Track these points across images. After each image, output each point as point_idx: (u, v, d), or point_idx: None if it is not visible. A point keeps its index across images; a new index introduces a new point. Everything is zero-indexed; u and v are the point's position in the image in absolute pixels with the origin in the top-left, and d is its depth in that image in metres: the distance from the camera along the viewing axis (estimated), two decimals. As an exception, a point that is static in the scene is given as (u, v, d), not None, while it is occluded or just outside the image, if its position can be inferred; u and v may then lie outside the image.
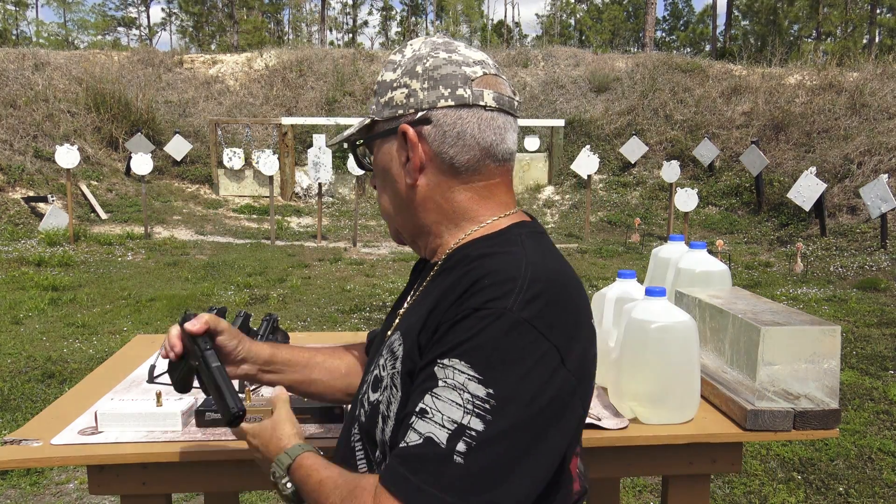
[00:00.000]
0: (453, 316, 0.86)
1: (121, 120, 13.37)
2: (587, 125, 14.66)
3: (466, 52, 0.98)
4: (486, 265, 0.90)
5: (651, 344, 1.42)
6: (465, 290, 0.87)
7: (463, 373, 0.81)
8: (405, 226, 1.04)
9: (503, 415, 0.80)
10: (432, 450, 0.79)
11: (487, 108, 0.95)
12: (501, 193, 1.00)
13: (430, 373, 0.84)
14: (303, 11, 54.14)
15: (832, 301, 6.71)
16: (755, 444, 3.44)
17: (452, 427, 0.80)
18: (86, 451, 1.32)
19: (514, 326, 0.82)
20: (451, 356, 0.83)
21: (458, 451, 0.79)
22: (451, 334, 0.84)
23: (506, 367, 0.81)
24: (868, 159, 10.74)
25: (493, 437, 0.79)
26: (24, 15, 48.76)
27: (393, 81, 0.98)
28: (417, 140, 0.95)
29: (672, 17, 51.86)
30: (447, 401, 0.81)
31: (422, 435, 0.81)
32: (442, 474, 0.78)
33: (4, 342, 5.13)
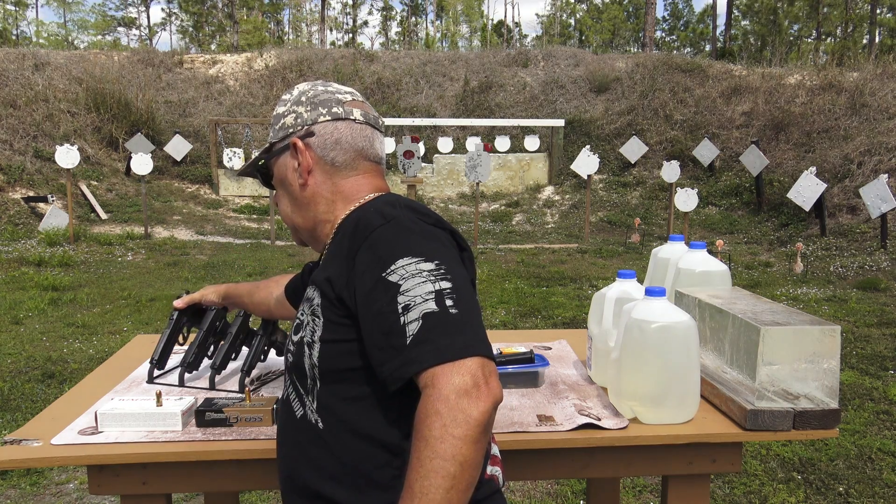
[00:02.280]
0: (363, 238, 1.05)
1: (121, 120, 13.37)
2: (587, 125, 14.66)
3: (339, 87, 1.27)
4: (361, 211, 1.14)
5: (651, 344, 1.42)
6: (353, 227, 1.09)
7: (410, 262, 1.00)
8: (304, 223, 1.24)
9: (455, 273, 1.02)
10: (432, 318, 0.96)
11: (357, 121, 1.23)
12: (374, 181, 1.24)
13: (384, 286, 0.99)
14: (303, 11, 54.13)
15: (832, 301, 6.71)
16: (755, 444, 3.44)
17: (432, 296, 0.97)
18: (86, 451, 1.32)
19: (410, 219, 1.07)
20: (390, 263, 1.00)
21: (448, 306, 0.97)
22: (372, 255, 1.03)
23: (431, 244, 1.04)
24: (868, 159, 10.74)
25: (461, 285, 1.01)
26: (24, 15, 48.76)
27: (284, 112, 1.25)
28: (305, 148, 1.21)
29: (672, 17, 51.85)
30: (415, 285, 0.98)
31: (418, 319, 0.96)
32: (450, 326, 0.96)
33: (4, 342, 5.13)
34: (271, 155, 1.26)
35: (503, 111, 15.36)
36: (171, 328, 1.70)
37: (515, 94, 15.93)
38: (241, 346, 1.73)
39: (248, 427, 1.40)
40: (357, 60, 16.86)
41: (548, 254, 9.33)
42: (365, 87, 15.75)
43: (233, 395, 1.58)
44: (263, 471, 1.39)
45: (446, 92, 15.82)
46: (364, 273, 1.02)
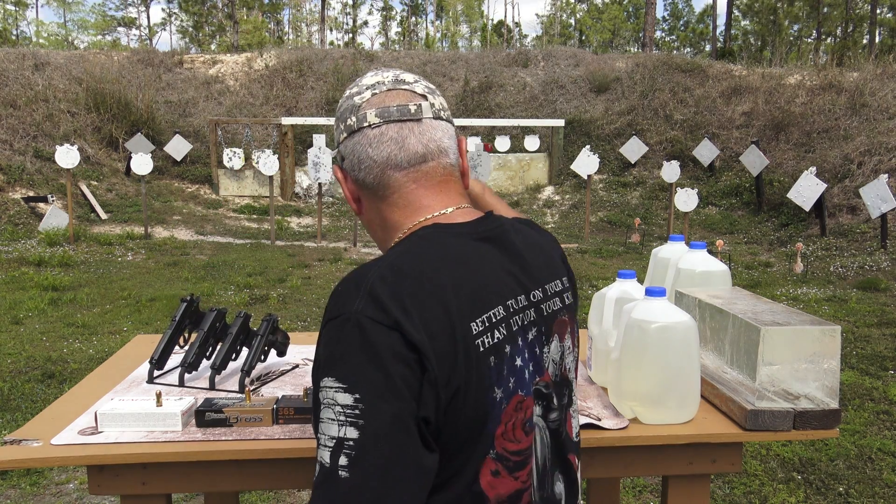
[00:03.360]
0: (322, 324, 0.88)
1: (121, 120, 13.37)
2: (587, 125, 14.66)
3: (366, 79, 1.04)
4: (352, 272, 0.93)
5: (651, 344, 1.42)
6: (331, 296, 0.91)
7: (331, 387, 0.82)
8: (379, 246, 1.09)
9: (375, 416, 0.80)
10: (322, 473, 0.80)
11: (372, 126, 0.99)
12: (417, 199, 1.00)
13: (315, 399, 0.86)
14: (303, 11, 54.14)
15: (832, 301, 6.71)
16: (755, 444, 3.44)
17: (332, 444, 0.81)
18: (86, 451, 1.32)
19: (362, 325, 0.83)
20: (323, 375, 0.84)
21: (341, 465, 0.79)
22: (318, 352, 0.87)
23: (364, 368, 0.82)
24: (868, 159, 10.74)
25: (369, 440, 0.79)
26: (24, 15, 48.76)
27: (343, 113, 1.06)
28: (344, 177, 1.05)
29: (672, 17, 51.86)
30: (326, 420, 0.82)
31: (318, 463, 0.82)
32: (333, 493, 0.79)
33: (4, 342, 5.13)
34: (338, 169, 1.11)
35: (503, 111, 15.36)
36: (172, 328, 1.70)
37: (515, 94, 15.93)
38: (242, 346, 1.74)
39: (248, 427, 1.40)
40: (357, 60, 16.87)
41: (548, 254, 9.32)
42: (365, 87, 15.76)
43: (233, 395, 1.58)
44: (263, 471, 1.39)
45: (446, 92, 15.82)
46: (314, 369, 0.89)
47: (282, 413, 1.41)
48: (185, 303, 1.74)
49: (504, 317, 0.93)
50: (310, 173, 10.26)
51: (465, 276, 0.91)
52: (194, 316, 1.75)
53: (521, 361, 0.95)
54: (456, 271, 0.91)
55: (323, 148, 10.10)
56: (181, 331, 1.73)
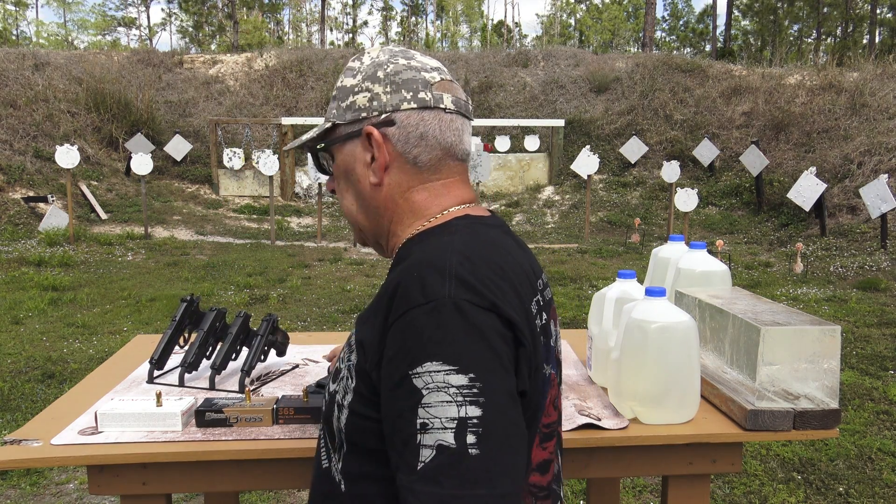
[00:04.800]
0: (397, 317, 0.87)
1: (121, 120, 13.38)
2: (587, 125, 14.66)
3: (423, 59, 1.04)
4: (416, 259, 0.92)
5: (651, 344, 1.42)
6: (397, 286, 0.89)
7: (439, 371, 0.83)
8: (369, 225, 1.07)
9: (493, 392, 0.82)
10: (447, 455, 0.80)
11: (447, 110, 1.01)
12: (457, 189, 1.04)
13: (409, 388, 0.84)
14: (303, 11, 54.15)
15: (832, 301, 6.71)
16: (755, 444, 3.44)
17: (454, 424, 0.81)
18: (86, 451, 1.32)
19: (460, 309, 0.85)
20: (421, 362, 0.83)
21: (469, 443, 0.80)
22: (407, 341, 0.85)
23: (473, 348, 0.83)
24: (868, 159, 10.74)
25: (493, 414, 0.82)
26: (24, 15, 48.76)
27: (354, 86, 1.02)
28: (383, 140, 1.00)
29: (672, 17, 51.85)
30: (438, 404, 0.82)
31: (432, 447, 0.81)
32: (465, 472, 0.79)
33: (4, 342, 5.13)
34: (335, 139, 1.05)
35: (503, 111, 15.37)
36: (172, 329, 1.70)
37: (515, 94, 15.93)
38: (241, 346, 1.74)
39: (248, 427, 1.40)
40: (357, 60, 16.86)
41: (548, 254, 9.33)
42: (365, 87, 15.77)
43: (233, 395, 1.58)
44: (263, 471, 1.39)
45: (446, 92, 15.82)
46: (391, 361, 0.87)
47: (282, 413, 1.41)
48: (185, 303, 1.74)
49: (539, 299, 1.00)
50: (310, 173, 10.26)
51: (514, 262, 0.97)
52: (194, 316, 1.76)
53: (553, 341, 1.04)
54: (508, 258, 0.96)
55: (323, 148, 10.09)
56: (181, 331, 1.73)
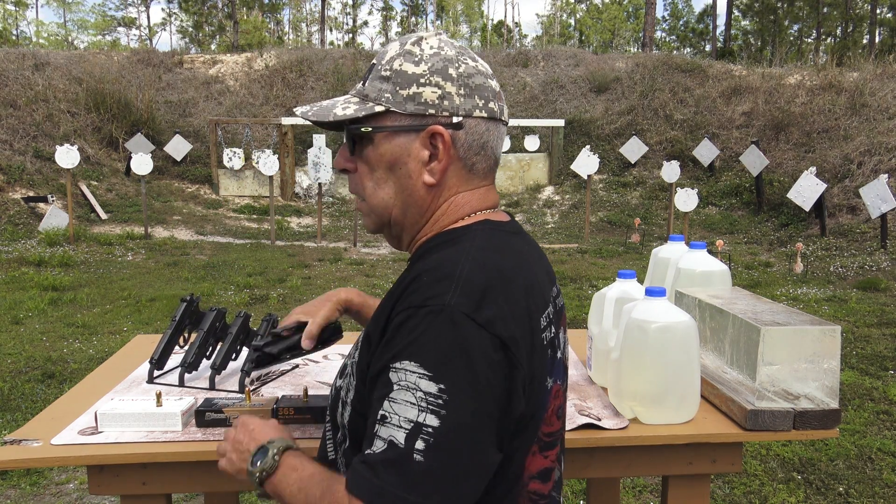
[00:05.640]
0: (397, 314, 0.89)
1: (121, 120, 13.38)
2: (587, 125, 14.66)
3: (482, 62, 1.04)
4: (429, 261, 0.94)
5: (651, 344, 1.42)
6: (407, 286, 0.91)
7: (413, 372, 0.84)
8: (401, 220, 1.04)
9: (458, 408, 0.82)
10: (393, 452, 0.82)
11: (503, 122, 1.03)
12: (490, 195, 1.06)
13: (385, 379, 0.86)
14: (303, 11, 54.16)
15: (832, 301, 6.71)
16: (755, 444, 3.44)
17: (409, 426, 0.82)
18: (86, 451, 1.32)
19: (455, 320, 0.85)
20: (402, 358, 0.85)
21: (416, 449, 0.81)
22: (398, 336, 0.87)
23: (453, 362, 0.84)
24: (868, 159, 10.74)
25: (450, 430, 0.82)
26: (24, 15, 48.77)
27: (419, 77, 0.98)
28: (450, 141, 0.98)
29: (672, 17, 51.84)
30: (402, 402, 0.83)
31: (384, 440, 0.83)
32: (404, 474, 0.81)
33: (4, 342, 5.13)
34: (387, 127, 0.99)
35: (503, 111, 15.35)
36: (172, 329, 1.70)
37: (515, 94, 15.93)
38: (242, 346, 1.74)
39: (248, 427, 1.40)
40: (357, 60, 16.87)
41: (548, 254, 9.33)
42: (365, 87, 15.77)
43: (233, 395, 1.58)
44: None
45: (446, 92, 15.83)
46: (380, 352, 0.89)
47: (282, 413, 1.41)
48: (185, 303, 1.74)
49: (550, 311, 1.01)
50: (310, 173, 10.26)
51: (529, 273, 0.98)
52: (194, 316, 1.75)
53: (560, 353, 1.05)
54: (523, 269, 0.97)
55: (323, 148, 10.10)
56: (181, 331, 1.73)
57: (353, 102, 1.01)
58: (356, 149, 1.03)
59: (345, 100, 1.03)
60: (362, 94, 1.01)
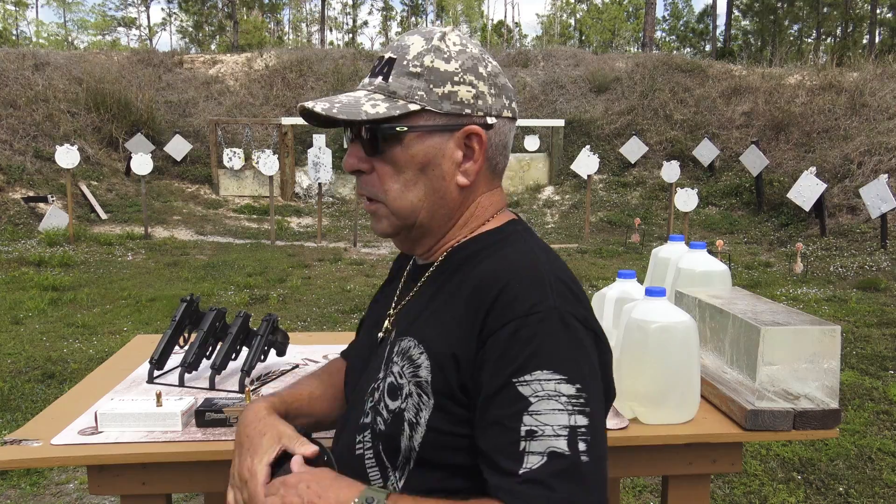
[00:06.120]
0: (501, 326, 0.87)
1: (121, 120, 13.37)
2: (587, 125, 14.66)
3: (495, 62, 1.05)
4: (505, 266, 0.93)
5: (651, 344, 1.42)
6: (496, 296, 0.89)
7: (550, 380, 0.85)
8: (427, 223, 1.00)
9: (595, 402, 0.87)
10: (561, 461, 0.82)
11: (516, 121, 1.04)
12: (503, 194, 1.08)
13: (512, 395, 0.85)
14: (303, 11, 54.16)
15: (832, 301, 6.71)
16: (755, 444, 3.43)
17: (566, 433, 0.83)
18: (86, 451, 1.32)
19: (565, 321, 0.88)
20: (530, 370, 0.85)
21: (581, 451, 0.83)
22: (513, 349, 0.86)
23: (577, 361, 0.87)
24: (868, 159, 10.74)
25: (597, 424, 0.86)
26: (24, 15, 48.77)
27: (453, 74, 0.95)
28: (486, 142, 0.97)
29: (672, 17, 51.83)
30: (549, 412, 0.84)
31: (542, 453, 0.82)
32: (579, 479, 0.82)
33: (4, 342, 5.13)
34: (422, 127, 0.95)
35: (503, 111, 15.35)
36: (172, 329, 1.70)
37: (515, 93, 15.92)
38: (241, 346, 1.74)
39: (248, 427, 1.40)
40: (357, 60, 16.86)
41: (548, 254, 9.32)
42: (365, 87, 15.75)
43: (233, 395, 1.58)
44: None
45: (446, 92, 15.82)
46: (492, 370, 0.87)
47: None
48: (185, 303, 1.74)
49: None
50: (310, 173, 10.26)
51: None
52: (194, 316, 1.76)
53: None
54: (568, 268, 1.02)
55: (323, 148, 10.10)
56: (181, 331, 1.73)
57: (380, 99, 0.96)
58: (379, 148, 0.97)
59: (365, 96, 0.97)
60: (387, 90, 0.96)
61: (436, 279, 1.01)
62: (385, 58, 0.98)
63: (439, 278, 1.00)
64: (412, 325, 0.99)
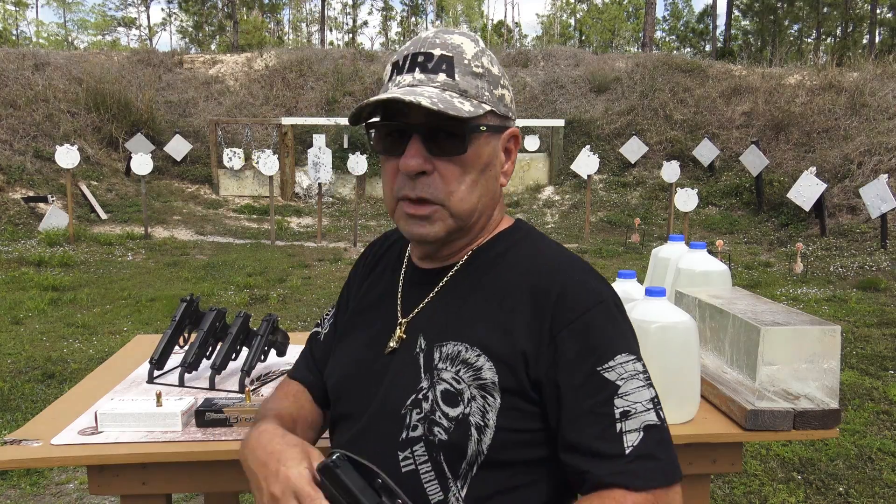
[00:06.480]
0: (568, 321, 0.92)
1: (121, 120, 13.37)
2: (587, 125, 14.66)
3: None
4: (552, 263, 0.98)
5: (651, 344, 1.41)
6: (560, 291, 0.93)
7: (628, 361, 0.92)
8: (475, 224, 1.00)
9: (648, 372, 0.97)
10: (656, 432, 0.90)
11: None
12: None
13: (597, 383, 0.90)
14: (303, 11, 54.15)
15: (832, 301, 6.71)
16: (755, 444, 3.43)
17: (652, 405, 0.92)
18: (86, 451, 1.32)
19: (617, 305, 0.97)
20: (610, 356, 0.91)
21: (663, 418, 0.93)
22: (590, 340, 0.91)
23: (635, 338, 0.97)
24: (868, 159, 10.74)
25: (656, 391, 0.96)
26: (24, 15, 48.76)
27: (500, 78, 0.98)
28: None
29: (672, 17, 51.82)
30: (636, 390, 0.91)
31: (638, 430, 0.89)
32: (669, 441, 0.92)
33: (4, 342, 5.13)
34: (493, 127, 0.96)
35: (503, 111, 15.34)
36: (172, 329, 1.70)
37: (515, 94, 15.84)
38: (241, 346, 1.74)
39: (248, 427, 1.40)
40: (357, 60, 16.86)
41: (548, 254, 9.31)
42: (365, 87, 15.75)
43: (233, 395, 1.58)
44: None
45: (446, 92, 15.81)
46: (574, 362, 0.90)
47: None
48: (185, 303, 1.74)
49: None
50: (310, 173, 10.26)
51: None
52: (194, 316, 1.76)
53: None
54: None
55: (323, 148, 10.10)
56: (181, 331, 1.73)
57: (456, 98, 0.93)
58: (446, 149, 0.93)
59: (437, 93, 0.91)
60: (457, 88, 0.93)
61: (462, 281, 1.00)
62: (438, 54, 0.93)
63: (466, 280, 1.00)
64: (448, 328, 0.97)
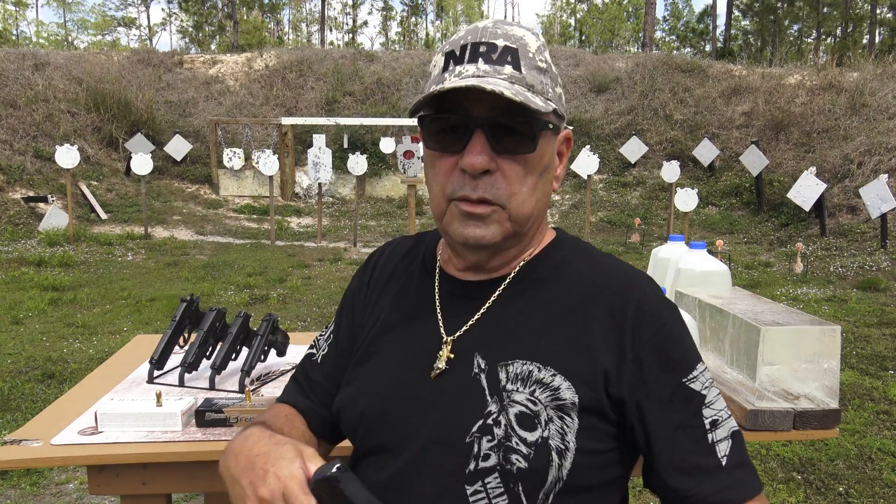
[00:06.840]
0: (653, 332, 0.89)
1: (121, 120, 13.37)
2: (587, 125, 14.66)
3: None
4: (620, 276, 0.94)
5: (651, 344, 1.41)
6: (636, 305, 0.90)
7: (704, 370, 0.92)
8: (527, 230, 0.92)
9: None
10: (739, 437, 0.91)
11: None
12: None
13: (685, 395, 0.89)
14: (303, 11, 54.15)
15: (832, 301, 6.71)
16: (755, 444, 3.43)
17: (728, 411, 0.92)
18: (86, 451, 1.32)
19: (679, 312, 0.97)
20: (691, 368, 0.90)
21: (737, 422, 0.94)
22: (673, 352, 0.90)
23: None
24: (868, 159, 10.73)
25: None
26: (24, 15, 48.77)
27: (558, 76, 0.91)
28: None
29: (672, 17, 51.82)
30: (717, 398, 0.91)
31: (727, 437, 0.89)
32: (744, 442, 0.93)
33: (4, 342, 5.13)
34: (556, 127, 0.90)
35: (503, 111, 15.33)
36: (172, 329, 1.70)
37: (515, 94, 15.90)
38: (241, 346, 1.73)
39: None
40: (357, 60, 16.86)
41: (548, 254, 9.31)
42: (365, 87, 15.75)
43: (233, 395, 1.58)
44: None
45: (446, 92, 15.79)
46: (659, 376, 0.87)
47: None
48: (185, 303, 1.74)
49: None
50: (310, 173, 10.26)
51: None
52: (194, 316, 1.76)
53: None
54: None
55: (323, 148, 10.10)
56: (181, 331, 1.73)
57: (525, 91, 0.84)
58: (514, 146, 0.85)
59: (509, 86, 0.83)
60: (524, 82, 0.85)
61: (517, 294, 0.93)
62: (502, 45, 0.85)
63: (523, 293, 0.93)
64: (511, 346, 0.89)
